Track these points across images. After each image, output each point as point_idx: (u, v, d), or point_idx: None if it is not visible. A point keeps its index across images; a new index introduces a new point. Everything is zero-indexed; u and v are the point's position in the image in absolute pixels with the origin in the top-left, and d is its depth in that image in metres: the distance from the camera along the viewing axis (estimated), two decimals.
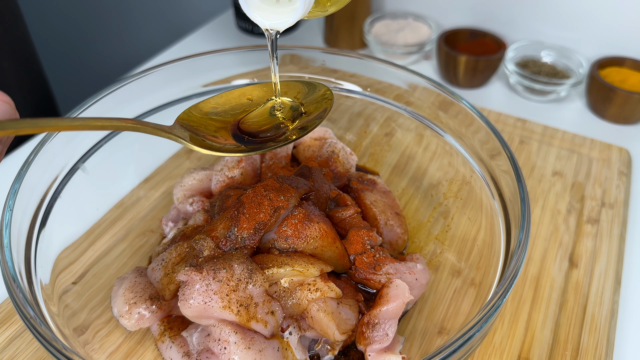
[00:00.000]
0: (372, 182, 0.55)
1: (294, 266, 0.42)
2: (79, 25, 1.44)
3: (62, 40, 1.46)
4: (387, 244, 0.51)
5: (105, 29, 1.41)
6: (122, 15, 1.35)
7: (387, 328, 0.42)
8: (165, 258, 0.44)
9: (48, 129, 0.31)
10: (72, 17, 1.42)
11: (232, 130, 0.41)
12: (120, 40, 1.41)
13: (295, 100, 0.44)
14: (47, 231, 0.46)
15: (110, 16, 1.38)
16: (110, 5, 1.35)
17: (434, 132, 0.55)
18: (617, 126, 0.76)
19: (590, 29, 0.81)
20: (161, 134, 0.37)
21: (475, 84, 0.82)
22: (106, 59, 1.45)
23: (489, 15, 0.87)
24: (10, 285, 0.38)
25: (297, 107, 0.43)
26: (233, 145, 0.39)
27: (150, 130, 0.36)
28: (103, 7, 1.36)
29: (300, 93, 0.44)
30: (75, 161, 0.50)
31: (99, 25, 1.41)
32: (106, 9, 1.37)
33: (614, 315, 0.52)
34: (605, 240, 0.58)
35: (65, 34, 1.46)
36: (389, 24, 0.89)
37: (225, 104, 0.43)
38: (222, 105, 0.43)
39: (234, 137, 0.40)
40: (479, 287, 0.46)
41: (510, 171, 0.43)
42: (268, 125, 0.42)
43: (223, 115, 0.42)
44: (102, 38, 1.43)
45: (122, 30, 1.39)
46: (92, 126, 0.33)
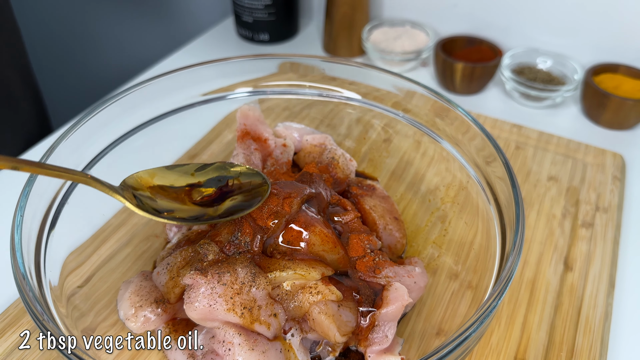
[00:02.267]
0: (371, 188, 0.57)
1: (296, 270, 0.43)
2: (78, 32, 1.45)
3: (59, 45, 1.47)
4: (386, 248, 0.53)
5: (106, 35, 1.42)
6: (123, 22, 1.37)
7: (386, 330, 0.43)
8: (170, 262, 0.45)
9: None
10: (71, 24, 1.43)
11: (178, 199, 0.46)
12: (120, 47, 1.42)
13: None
14: (56, 235, 0.47)
15: (111, 23, 1.39)
16: (110, 12, 1.36)
17: (431, 139, 0.57)
18: (612, 132, 0.77)
19: (585, 36, 0.83)
20: (109, 192, 0.42)
21: (472, 91, 0.84)
22: (106, 67, 1.46)
23: (486, 22, 0.88)
24: (20, 283, 0.39)
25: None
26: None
27: (100, 187, 0.42)
28: (102, 14, 1.37)
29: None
30: (82, 167, 0.51)
31: (98, 32, 1.43)
32: (106, 16, 1.38)
33: (608, 317, 0.53)
34: (600, 244, 0.59)
35: (63, 40, 1.47)
36: (387, 31, 0.91)
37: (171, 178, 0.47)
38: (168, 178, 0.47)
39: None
40: (476, 290, 0.47)
41: (505, 177, 0.45)
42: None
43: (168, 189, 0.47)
44: (102, 45, 1.44)
45: (123, 37, 1.40)
46: (48, 173, 0.39)
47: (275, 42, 0.98)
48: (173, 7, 1.26)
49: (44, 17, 1.42)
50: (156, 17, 1.31)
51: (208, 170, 0.49)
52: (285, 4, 0.94)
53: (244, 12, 0.94)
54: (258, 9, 0.93)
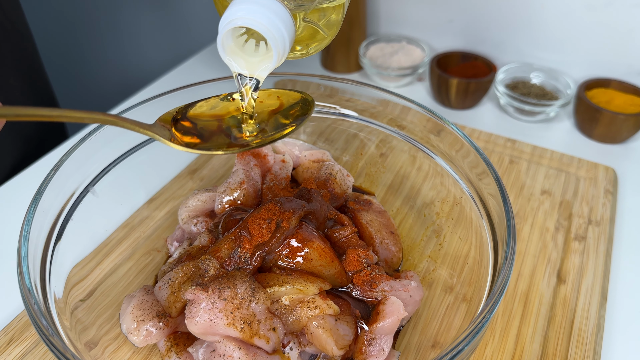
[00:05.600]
0: (368, 203, 0.58)
1: (294, 285, 0.44)
2: (85, 47, 1.47)
3: (67, 60, 1.50)
4: (382, 262, 0.54)
5: (110, 49, 1.45)
6: (126, 37, 1.39)
7: (382, 343, 0.44)
8: (172, 277, 0.46)
9: (25, 118, 0.33)
10: (78, 39, 1.45)
11: (213, 131, 0.43)
12: (123, 62, 1.44)
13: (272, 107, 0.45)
14: (60, 250, 0.48)
15: (114, 37, 1.41)
16: (113, 26, 1.38)
17: (426, 154, 0.58)
18: (604, 145, 0.79)
19: (577, 52, 0.85)
20: (140, 130, 0.38)
21: (466, 105, 0.85)
22: (111, 80, 1.48)
23: (480, 38, 0.90)
24: (26, 297, 0.40)
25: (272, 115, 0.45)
26: (215, 144, 0.41)
27: (129, 125, 0.38)
28: (106, 27, 1.40)
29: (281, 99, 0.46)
30: (87, 183, 0.52)
31: (103, 46, 1.45)
32: (110, 31, 1.40)
33: (600, 330, 0.54)
34: (592, 257, 0.61)
35: (70, 55, 1.49)
36: (383, 47, 0.92)
37: (209, 107, 0.45)
38: (205, 108, 0.44)
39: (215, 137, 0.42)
40: (470, 303, 0.49)
41: (497, 194, 0.46)
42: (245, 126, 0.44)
43: (206, 118, 0.44)
44: (106, 59, 1.47)
45: (125, 52, 1.42)
46: (71, 117, 0.35)
47: None
48: (176, 23, 1.28)
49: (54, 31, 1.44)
50: (158, 32, 1.33)
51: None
52: None
53: None
54: None
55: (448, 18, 0.91)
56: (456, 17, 0.90)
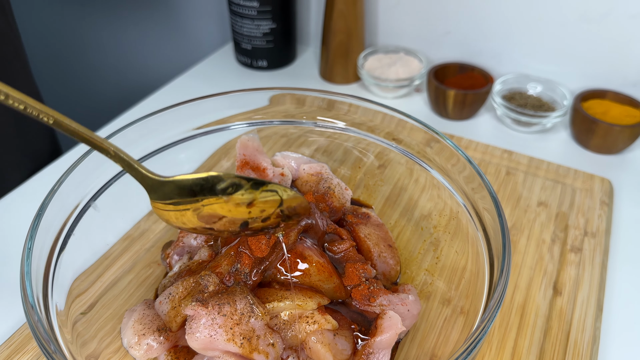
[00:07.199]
0: (366, 216, 0.59)
1: (293, 300, 0.45)
2: (79, 58, 1.48)
3: (61, 72, 1.50)
4: (380, 275, 0.54)
5: (107, 60, 1.45)
6: (123, 48, 1.40)
7: (381, 357, 0.45)
8: (172, 292, 0.47)
9: (38, 114, 0.33)
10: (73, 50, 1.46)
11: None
12: (121, 72, 1.45)
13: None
14: (63, 264, 0.49)
15: (111, 48, 1.42)
16: (111, 37, 1.39)
17: (423, 168, 0.59)
18: (600, 156, 0.79)
19: (574, 63, 0.86)
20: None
21: (464, 116, 0.86)
22: (107, 92, 1.49)
23: (477, 50, 0.91)
24: (28, 312, 0.41)
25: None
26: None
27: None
28: (104, 38, 1.41)
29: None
30: (89, 197, 0.53)
31: (99, 57, 1.46)
32: (107, 42, 1.41)
33: (596, 341, 0.54)
34: (588, 269, 0.61)
35: (65, 65, 1.50)
36: (381, 58, 0.93)
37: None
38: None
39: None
40: (467, 316, 0.49)
41: (492, 209, 0.47)
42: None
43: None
44: (103, 70, 1.48)
45: (124, 62, 1.43)
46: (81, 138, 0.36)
47: (273, 68, 1.01)
48: (176, 33, 1.29)
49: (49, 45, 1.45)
50: (160, 42, 1.34)
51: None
52: (283, 33, 0.97)
53: (243, 39, 0.97)
54: (257, 37, 0.96)
55: (445, 30, 0.92)
56: (453, 28, 0.91)
